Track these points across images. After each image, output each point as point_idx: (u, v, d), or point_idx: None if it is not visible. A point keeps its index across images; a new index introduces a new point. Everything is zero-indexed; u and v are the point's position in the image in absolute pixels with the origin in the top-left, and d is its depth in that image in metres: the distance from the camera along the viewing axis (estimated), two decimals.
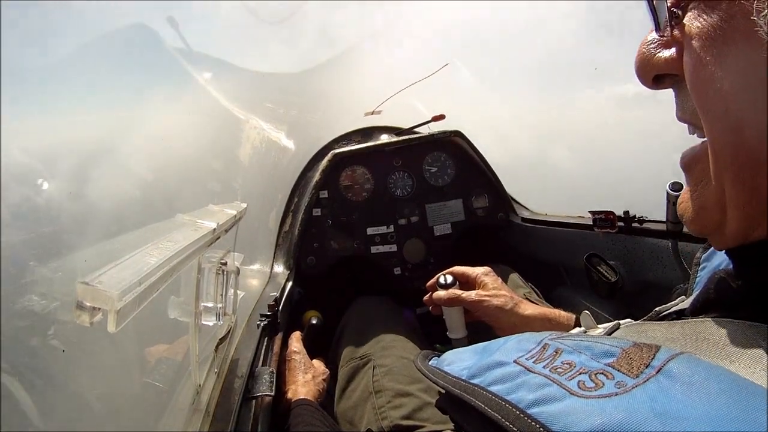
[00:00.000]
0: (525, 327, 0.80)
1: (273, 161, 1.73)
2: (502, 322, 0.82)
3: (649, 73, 0.33)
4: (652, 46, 0.32)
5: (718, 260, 0.47)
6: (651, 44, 0.32)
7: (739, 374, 0.27)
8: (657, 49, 0.32)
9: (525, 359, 0.37)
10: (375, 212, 1.55)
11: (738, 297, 0.35)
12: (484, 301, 0.83)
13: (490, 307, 0.82)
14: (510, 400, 0.33)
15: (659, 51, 0.32)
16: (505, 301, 0.82)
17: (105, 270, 0.42)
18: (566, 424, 0.28)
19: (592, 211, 1.19)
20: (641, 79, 0.34)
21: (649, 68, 0.33)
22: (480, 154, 1.59)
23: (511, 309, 0.82)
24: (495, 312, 0.82)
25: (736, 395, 0.25)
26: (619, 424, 0.26)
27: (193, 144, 1.38)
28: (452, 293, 0.87)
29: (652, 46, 0.32)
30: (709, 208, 0.32)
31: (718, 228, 0.32)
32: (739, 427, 0.23)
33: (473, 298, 0.84)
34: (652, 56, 0.32)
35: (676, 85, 0.33)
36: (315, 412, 0.83)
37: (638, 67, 0.34)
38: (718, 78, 0.27)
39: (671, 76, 0.32)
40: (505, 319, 0.81)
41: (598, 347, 0.34)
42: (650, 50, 0.32)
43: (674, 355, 0.29)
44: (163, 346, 0.79)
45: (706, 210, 0.32)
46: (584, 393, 0.29)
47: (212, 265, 0.81)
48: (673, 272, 1.00)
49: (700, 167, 0.32)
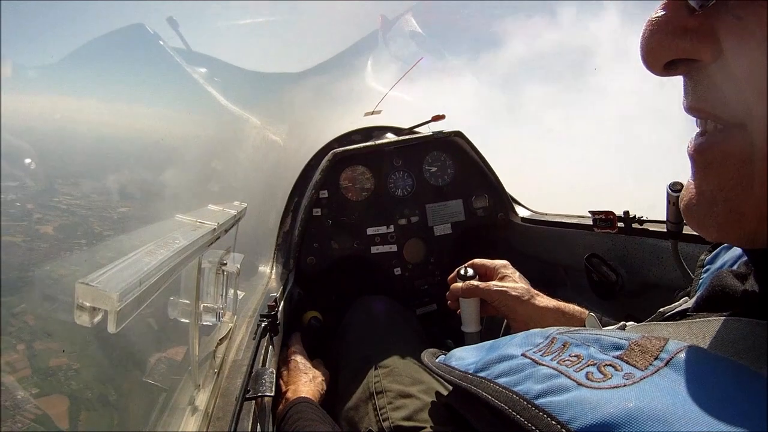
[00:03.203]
0: (540, 318, 0.80)
1: (273, 161, 1.73)
2: (517, 313, 0.83)
3: (663, 59, 0.29)
4: (669, 28, 0.28)
5: (721, 261, 0.47)
6: (667, 26, 0.28)
7: (747, 367, 0.26)
8: (676, 32, 0.28)
9: (533, 353, 0.37)
10: (375, 212, 1.55)
11: (745, 296, 0.35)
12: (503, 291, 0.84)
13: (507, 297, 0.83)
14: (517, 391, 0.33)
15: (679, 34, 0.28)
16: (523, 293, 0.83)
17: (105, 270, 0.42)
18: (574, 414, 0.28)
19: (592, 211, 1.18)
20: (650, 63, 0.30)
21: (667, 52, 0.29)
22: (480, 154, 1.59)
23: (528, 300, 0.82)
24: (512, 302, 0.83)
25: (743, 386, 0.25)
26: (628, 415, 0.25)
27: (193, 144, 1.38)
28: (470, 284, 0.88)
29: (669, 28, 0.28)
30: (748, 215, 0.27)
31: (752, 233, 0.28)
32: (747, 418, 0.23)
33: (492, 288, 0.85)
34: (673, 39, 0.28)
35: (694, 71, 0.29)
36: (316, 411, 0.83)
37: (650, 51, 0.29)
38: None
39: (687, 62, 0.29)
40: (522, 309, 0.82)
41: (606, 340, 0.34)
42: (667, 33, 0.28)
43: (683, 347, 0.29)
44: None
45: (743, 217, 0.28)
46: (592, 384, 0.29)
47: (212, 265, 0.81)
48: (673, 272, 1.00)
49: (729, 165, 0.28)
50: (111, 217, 8.01)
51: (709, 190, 0.30)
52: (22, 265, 6.32)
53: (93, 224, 7.95)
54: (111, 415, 4.13)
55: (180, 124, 1.69)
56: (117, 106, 6.28)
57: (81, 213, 8.53)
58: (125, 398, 4.53)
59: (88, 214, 8.37)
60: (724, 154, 0.28)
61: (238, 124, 1.60)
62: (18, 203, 8.06)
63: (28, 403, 4.73)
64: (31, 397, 4.77)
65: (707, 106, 0.29)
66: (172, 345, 1.83)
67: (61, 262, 5.47)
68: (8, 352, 5.22)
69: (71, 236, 6.98)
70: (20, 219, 7.77)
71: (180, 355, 0.80)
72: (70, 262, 3.36)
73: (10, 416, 4.58)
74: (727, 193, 0.28)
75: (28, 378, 5.05)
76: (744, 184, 0.27)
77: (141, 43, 1.43)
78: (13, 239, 7.60)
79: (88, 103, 12.81)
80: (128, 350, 4.79)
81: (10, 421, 4.55)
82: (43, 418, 4.60)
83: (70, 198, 8.04)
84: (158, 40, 3.13)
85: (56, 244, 6.97)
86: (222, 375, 0.80)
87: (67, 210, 8.11)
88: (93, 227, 7.89)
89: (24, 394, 4.80)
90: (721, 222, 0.29)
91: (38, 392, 4.86)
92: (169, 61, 2.67)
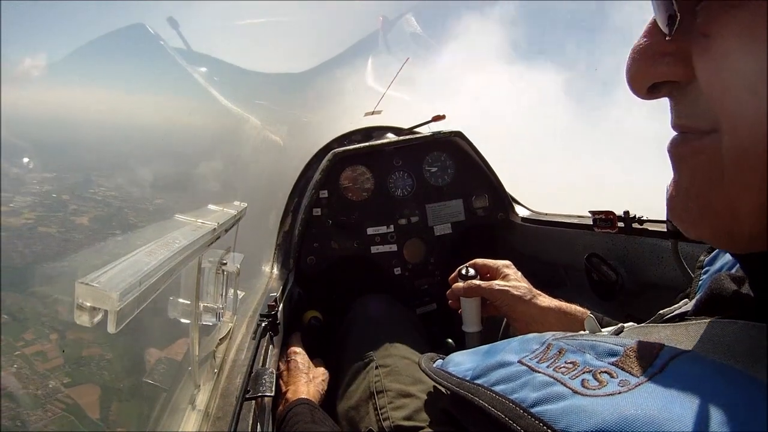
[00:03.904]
0: (541, 318, 0.80)
1: (273, 161, 1.73)
2: (519, 313, 0.82)
3: (647, 83, 0.31)
4: (648, 54, 0.30)
5: (720, 263, 0.47)
6: (646, 52, 0.30)
7: (743, 372, 0.26)
8: (655, 57, 0.30)
9: (529, 359, 0.37)
10: (375, 212, 1.55)
11: (742, 299, 0.35)
12: (504, 290, 0.84)
13: (509, 297, 0.83)
14: (514, 399, 0.33)
15: (659, 59, 0.30)
16: (524, 293, 0.83)
17: (105, 270, 0.42)
18: (570, 422, 0.28)
19: (592, 211, 1.18)
20: (635, 89, 0.32)
21: (648, 77, 0.31)
22: (480, 154, 1.59)
23: (530, 300, 0.82)
24: (514, 302, 0.83)
25: (739, 392, 0.25)
26: (623, 423, 0.26)
27: (193, 144, 1.39)
28: (471, 283, 0.88)
29: (649, 54, 0.30)
30: (720, 212, 0.29)
31: (727, 233, 0.29)
32: (742, 424, 0.23)
33: (493, 288, 0.85)
34: (652, 64, 0.30)
35: (675, 92, 0.31)
36: (315, 411, 0.83)
37: (634, 77, 0.31)
38: (746, 72, 0.25)
39: (668, 84, 0.31)
40: (523, 309, 0.82)
41: (601, 346, 0.34)
42: (646, 59, 0.30)
43: (677, 353, 0.29)
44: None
45: (716, 214, 0.29)
46: (588, 392, 0.30)
47: (212, 265, 0.81)
48: (673, 272, 1.00)
49: (700, 160, 0.29)
50: (111, 217, 8.07)
51: (684, 184, 0.31)
52: (57, 255, 6.38)
53: (92, 224, 7.99)
54: (140, 405, 4.14)
55: (180, 124, 1.68)
56: (115, 105, 6.24)
57: (80, 212, 8.60)
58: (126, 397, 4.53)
59: (89, 214, 8.42)
60: (695, 149, 0.30)
61: (238, 124, 1.60)
62: (54, 194, 8.22)
63: (59, 392, 4.78)
64: (63, 387, 4.81)
65: (687, 122, 0.30)
66: (172, 344, 1.83)
67: (95, 252, 5.55)
68: (41, 341, 5.29)
69: (106, 227, 7.10)
70: (56, 210, 7.93)
71: (180, 354, 0.80)
72: (105, 251, 3.36)
73: (40, 405, 4.64)
74: (699, 188, 0.30)
75: (60, 367, 5.11)
76: (714, 181, 0.28)
77: (140, 43, 1.42)
78: (48, 230, 7.74)
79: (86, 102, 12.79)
80: (129, 350, 4.80)
81: (41, 410, 4.61)
82: (74, 408, 4.64)
83: (105, 189, 8.21)
84: (158, 40, 3.13)
85: (90, 235, 7.09)
86: (222, 375, 0.80)
87: (102, 201, 8.18)
88: (92, 227, 7.94)
89: (56, 383, 4.85)
90: (696, 216, 0.30)
91: (69, 382, 4.91)
92: (169, 60, 2.67)
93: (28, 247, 7.46)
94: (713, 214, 0.29)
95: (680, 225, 0.32)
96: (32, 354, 5.36)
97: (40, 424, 4.57)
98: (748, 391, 0.25)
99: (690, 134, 0.30)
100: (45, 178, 9.22)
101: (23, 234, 7.76)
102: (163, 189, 7.70)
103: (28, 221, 8.10)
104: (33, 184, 9.30)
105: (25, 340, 5.57)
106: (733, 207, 0.28)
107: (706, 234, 0.31)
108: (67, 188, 8.12)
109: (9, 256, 7.29)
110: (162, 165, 8.85)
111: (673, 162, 0.32)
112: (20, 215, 8.18)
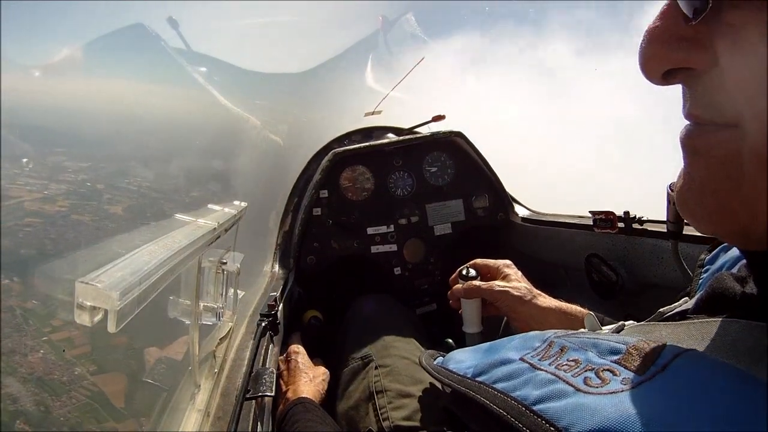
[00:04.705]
0: (542, 318, 0.80)
1: (273, 161, 1.73)
2: (519, 313, 0.82)
3: (662, 68, 0.30)
4: (665, 37, 0.29)
5: (721, 262, 0.47)
6: (663, 36, 0.29)
7: (745, 371, 0.26)
8: (672, 42, 0.28)
9: (531, 357, 0.37)
10: (375, 212, 1.55)
11: (744, 298, 0.35)
12: (505, 291, 0.84)
13: (509, 297, 0.83)
14: (516, 396, 0.33)
15: (676, 43, 0.28)
16: (525, 293, 0.83)
17: (105, 269, 0.42)
18: (572, 420, 0.28)
19: (592, 211, 1.18)
20: (649, 73, 0.30)
21: (664, 62, 0.29)
22: (480, 154, 1.59)
23: (530, 300, 0.82)
24: (514, 302, 0.83)
25: (741, 391, 0.25)
26: (625, 421, 0.26)
27: (193, 144, 1.39)
28: (471, 284, 0.88)
29: (665, 38, 0.29)
30: (737, 210, 0.28)
31: (743, 231, 0.28)
32: (745, 423, 0.23)
33: (494, 288, 0.85)
34: (669, 49, 0.29)
35: (690, 79, 0.29)
36: (315, 411, 0.83)
37: (648, 61, 0.30)
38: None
39: (684, 71, 0.29)
40: (524, 309, 0.82)
41: (603, 344, 0.34)
42: (663, 42, 0.29)
43: (680, 352, 0.29)
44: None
45: (732, 212, 0.28)
46: (590, 389, 0.29)
47: (212, 264, 0.81)
48: (673, 273, 1.00)
49: (717, 155, 0.28)
50: (111, 217, 8.09)
51: (698, 178, 0.30)
52: (89, 243, 6.39)
53: (92, 223, 8.01)
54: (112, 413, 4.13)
55: (180, 124, 1.68)
56: (114, 105, 6.25)
57: (81, 212, 8.64)
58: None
59: (89, 213, 8.45)
60: (711, 143, 0.28)
61: (238, 124, 1.60)
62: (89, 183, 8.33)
63: (85, 379, 4.79)
64: (88, 374, 4.82)
65: (704, 113, 0.29)
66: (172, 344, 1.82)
67: (128, 240, 5.64)
68: (68, 328, 5.29)
69: (140, 216, 7.16)
70: (90, 198, 8.02)
71: (180, 354, 0.80)
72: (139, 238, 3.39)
73: (65, 391, 4.65)
74: (716, 184, 0.28)
75: (87, 355, 5.11)
76: (733, 179, 0.27)
77: (140, 43, 1.41)
78: (80, 218, 7.80)
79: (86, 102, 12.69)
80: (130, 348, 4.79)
81: (66, 396, 4.62)
82: (99, 396, 4.65)
83: (141, 180, 8.31)
84: (158, 40, 3.10)
85: (123, 224, 7.12)
86: (222, 374, 0.80)
87: (68, 208, 8.27)
88: (93, 226, 7.96)
89: (81, 370, 4.86)
90: (711, 212, 0.29)
91: (96, 369, 4.92)
92: (169, 60, 2.65)
93: (60, 235, 7.51)
94: (730, 212, 0.28)
95: (692, 219, 0.31)
96: (59, 340, 5.37)
97: (64, 410, 4.58)
98: (751, 390, 0.25)
99: (706, 126, 0.29)
100: (80, 167, 9.39)
101: (56, 222, 7.82)
102: (163, 188, 7.70)
103: (62, 209, 8.18)
104: (69, 172, 9.45)
105: (52, 326, 5.58)
106: (752, 207, 0.27)
107: (719, 231, 0.30)
108: (103, 178, 8.25)
109: (42, 243, 7.36)
110: (162, 165, 8.89)
111: (686, 153, 0.30)
112: (55, 202, 8.27)
